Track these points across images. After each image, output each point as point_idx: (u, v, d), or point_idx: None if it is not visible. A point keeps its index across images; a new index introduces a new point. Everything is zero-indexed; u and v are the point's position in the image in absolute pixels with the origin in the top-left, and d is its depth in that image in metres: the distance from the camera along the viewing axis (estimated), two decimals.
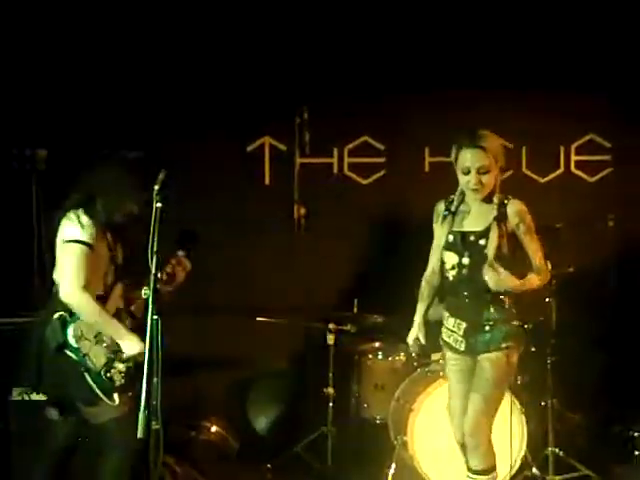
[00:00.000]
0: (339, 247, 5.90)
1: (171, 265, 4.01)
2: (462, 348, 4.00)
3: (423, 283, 4.17)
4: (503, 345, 3.91)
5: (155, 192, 3.45)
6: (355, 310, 5.37)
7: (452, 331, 4.02)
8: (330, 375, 5.27)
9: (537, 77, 5.88)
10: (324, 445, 5.26)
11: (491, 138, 3.93)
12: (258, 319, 5.31)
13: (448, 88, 5.88)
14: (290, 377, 5.72)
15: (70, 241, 3.87)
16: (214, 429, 5.44)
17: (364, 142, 6.19)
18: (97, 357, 3.86)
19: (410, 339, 4.18)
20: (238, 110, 5.97)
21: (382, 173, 6.18)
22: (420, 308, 4.18)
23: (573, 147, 6.10)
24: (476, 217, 3.98)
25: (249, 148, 6.16)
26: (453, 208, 4.02)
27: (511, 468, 4.64)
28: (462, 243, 3.94)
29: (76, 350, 3.85)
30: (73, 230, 3.88)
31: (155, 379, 3.24)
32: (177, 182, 3.66)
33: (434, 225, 4.10)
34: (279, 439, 5.58)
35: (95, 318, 3.84)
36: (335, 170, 6.18)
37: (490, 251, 3.86)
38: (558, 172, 6.10)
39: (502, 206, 3.93)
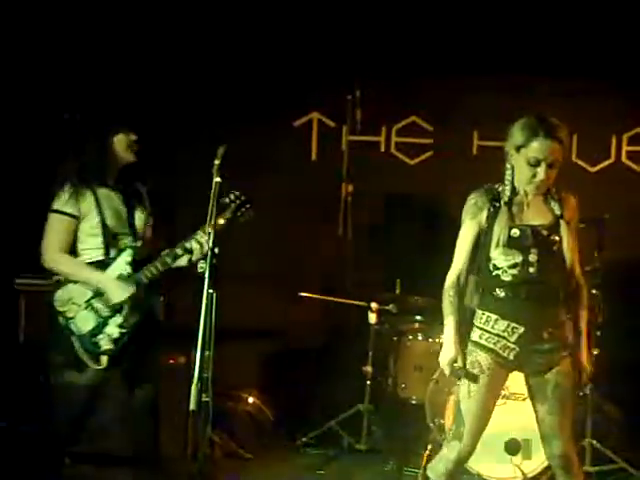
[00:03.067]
0: (384, 226, 5.90)
1: (192, 242, 3.96)
2: (511, 357, 3.58)
3: (451, 292, 3.62)
4: (564, 353, 3.60)
5: (215, 167, 3.45)
6: (398, 290, 5.39)
7: (501, 336, 3.58)
8: (370, 354, 5.29)
9: (591, 64, 5.82)
10: (359, 423, 5.30)
11: (565, 129, 3.52)
12: (302, 294, 5.34)
13: (500, 72, 5.84)
14: (331, 353, 5.73)
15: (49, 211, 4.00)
16: (251, 400, 5.49)
17: (412, 122, 6.18)
18: (84, 322, 3.91)
19: (445, 361, 3.61)
20: (287, 85, 5.97)
21: (429, 154, 6.17)
22: (453, 323, 3.61)
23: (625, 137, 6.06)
24: (537, 211, 3.62)
25: (296, 123, 6.17)
26: (506, 199, 3.57)
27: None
28: (533, 238, 3.55)
29: (61, 314, 3.93)
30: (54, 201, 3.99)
31: (207, 352, 3.26)
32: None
33: (468, 220, 3.60)
34: (315, 414, 5.62)
35: (74, 274, 3.92)
36: (382, 149, 6.18)
37: (568, 254, 3.57)
38: (608, 162, 6.08)
39: (562, 201, 3.62)
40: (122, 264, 3.96)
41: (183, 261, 3.99)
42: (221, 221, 3.90)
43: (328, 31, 5.88)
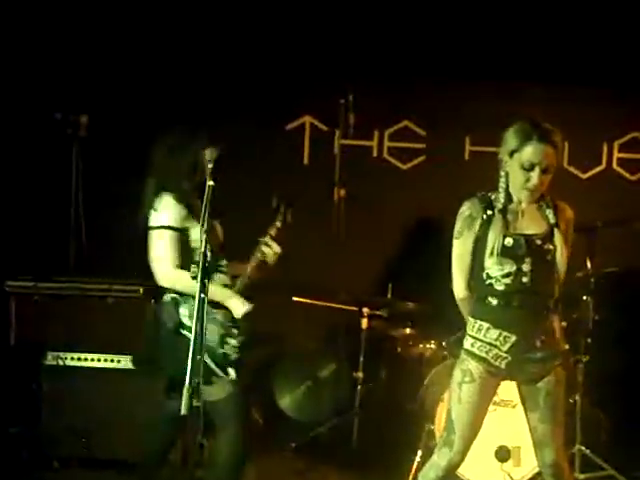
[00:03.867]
0: (376, 231, 5.90)
1: (261, 250, 4.05)
2: (502, 366, 3.57)
3: (466, 302, 3.66)
4: (557, 362, 3.58)
5: (208, 170, 3.45)
6: (389, 295, 5.39)
7: (493, 345, 3.56)
8: (360, 359, 5.29)
9: (584, 72, 5.83)
10: (350, 428, 5.30)
11: (558, 134, 3.50)
12: (294, 299, 5.34)
13: (493, 79, 5.86)
14: (321, 358, 5.72)
15: (154, 227, 3.89)
16: None
17: (405, 127, 6.18)
18: (211, 334, 3.85)
19: None
20: (279, 89, 5.97)
21: (422, 159, 6.17)
22: None
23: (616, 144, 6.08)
24: (531, 219, 3.58)
25: (289, 127, 6.16)
26: (500, 206, 3.55)
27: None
28: (527, 248, 3.53)
29: (191, 328, 3.71)
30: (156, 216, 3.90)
31: (199, 357, 3.25)
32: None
33: (466, 232, 3.57)
34: (305, 419, 5.61)
35: (193, 289, 3.77)
36: (375, 153, 6.18)
37: (561, 264, 3.55)
38: (599, 169, 6.09)
39: (557, 211, 3.60)
40: (222, 274, 3.98)
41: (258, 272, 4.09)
42: (278, 224, 4.14)
43: (321, 35, 5.88)
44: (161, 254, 3.85)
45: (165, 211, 3.86)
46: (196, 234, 3.82)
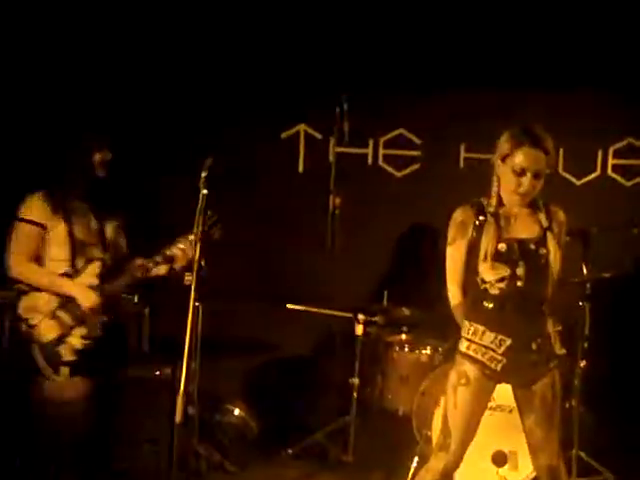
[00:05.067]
0: (371, 238, 5.91)
1: (172, 249, 4.04)
2: (498, 368, 3.59)
3: (461, 308, 3.67)
4: (552, 366, 3.63)
5: (202, 179, 3.47)
6: (384, 302, 5.39)
7: (488, 348, 3.59)
8: (356, 365, 5.28)
9: (578, 78, 5.85)
10: (346, 435, 5.28)
11: (550, 140, 3.54)
12: (288, 306, 5.34)
13: (488, 87, 5.87)
14: (317, 365, 5.72)
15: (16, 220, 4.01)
16: (237, 412, 5.45)
17: (400, 135, 6.19)
18: (47, 330, 3.91)
19: None
20: (274, 97, 5.97)
21: (417, 167, 6.18)
22: None
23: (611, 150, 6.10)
24: (524, 224, 3.61)
25: (284, 135, 6.17)
26: (492, 209, 3.58)
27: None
28: (520, 252, 3.55)
29: (25, 321, 3.93)
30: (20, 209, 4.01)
31: (193, 365, 3.25)
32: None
33: (459, 239, 3.61)
34: (301, 426, 5.60)
35: (43, 284, 3.92)
36: (370, 161, 6.19)
37: (555, 267, 3.57)
38: (594, 175, 6.11)
39: (550, 214, 3.63)
40: (90, 275, 3.99)
41: (162, 270, 4.04)
42: (191, 237, 3.95)
43: (316, 43, 5.89)
44: (12, 245, 3.96)
45: (27, 205, 3.95)
46: (56, 231, 3.92)
